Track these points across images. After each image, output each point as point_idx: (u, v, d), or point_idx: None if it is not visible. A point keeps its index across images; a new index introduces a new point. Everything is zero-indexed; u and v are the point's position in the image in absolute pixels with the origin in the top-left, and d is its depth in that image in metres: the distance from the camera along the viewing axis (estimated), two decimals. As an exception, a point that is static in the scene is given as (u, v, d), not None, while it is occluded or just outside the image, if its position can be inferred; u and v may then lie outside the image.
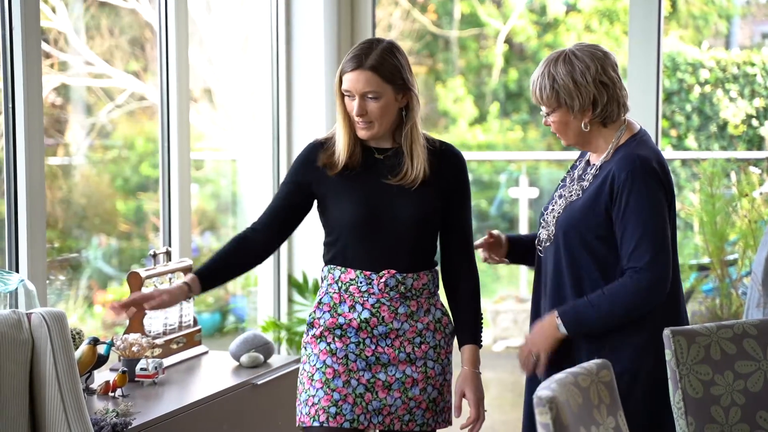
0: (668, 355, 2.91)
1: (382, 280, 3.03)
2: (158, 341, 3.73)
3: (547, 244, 3.12)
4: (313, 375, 3.04)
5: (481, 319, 3.16)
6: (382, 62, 2.97)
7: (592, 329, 3.00)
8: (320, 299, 3.10)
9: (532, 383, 3.24)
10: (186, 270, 3.94)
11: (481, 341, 3.15)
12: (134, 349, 3.53)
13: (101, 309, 6.02)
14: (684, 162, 8.23)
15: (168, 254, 3.96)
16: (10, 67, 3.51)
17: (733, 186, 5.19)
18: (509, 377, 7.19)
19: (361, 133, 3.02)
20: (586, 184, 3.08)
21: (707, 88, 8.27)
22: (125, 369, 3.37)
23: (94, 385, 3.40)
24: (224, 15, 6.27)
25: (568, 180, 3.18)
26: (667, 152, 8.08)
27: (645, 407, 3.01)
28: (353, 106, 2.99)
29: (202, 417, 3.38)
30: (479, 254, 3.35)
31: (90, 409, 3.14)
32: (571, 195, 3.10)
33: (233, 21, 6.10)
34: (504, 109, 10.15)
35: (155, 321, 3.79)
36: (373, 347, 3.04)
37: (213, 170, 6.66)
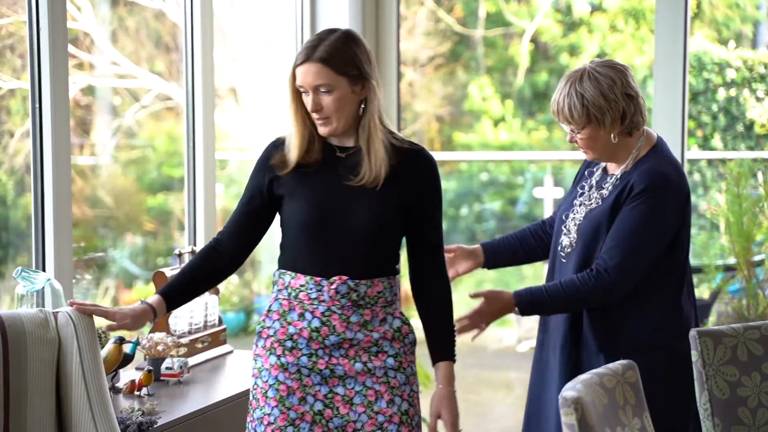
0: (694, 356, 2.90)
1: (333, 286, 2.81)
2: (183, 340, 3.74)
3: (569, 250, 3.20)
4: (266, 391, 2.85)
5: (454, 333, 2.94)
6: (333, 53, 2.76)
7: (541, 314, 3.23)
8: (269, 306, 2.93)
9: (536, 384, 3.27)
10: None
11: (455, 356, 2.93)
12: (159, 348, 3.54)
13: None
14: (710, 162, 8.19)
15: (193, 253, 3.97)
16: (37, 67, 3.53)
17: (759, 186, 5.16)
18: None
19: (321, 130, 2.83)
20: (605, 192, 3.15)
21: (733, 89, 8.23)
22: (151, 368, 3.38)
23: (120, 384, 3.42)
24: (249, 14, 6.28)
25: (586, 187, 3.25)
26: (693, 152, 8.05)
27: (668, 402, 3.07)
28: (308, 101, 2.81)
29: (227, 416, 3.38)
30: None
31: (116, 407, 3.15)
32: (591, 203, 3.18)
33: (258, 20, 6.11)
34: (529, 108, 10.13)
35: (180, 320, 3.80)
36: (326, 359, 2.82)
37: (238, 170, 6.67)
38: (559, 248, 3.24)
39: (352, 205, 2.82)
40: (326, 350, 2.82)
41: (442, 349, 2.90)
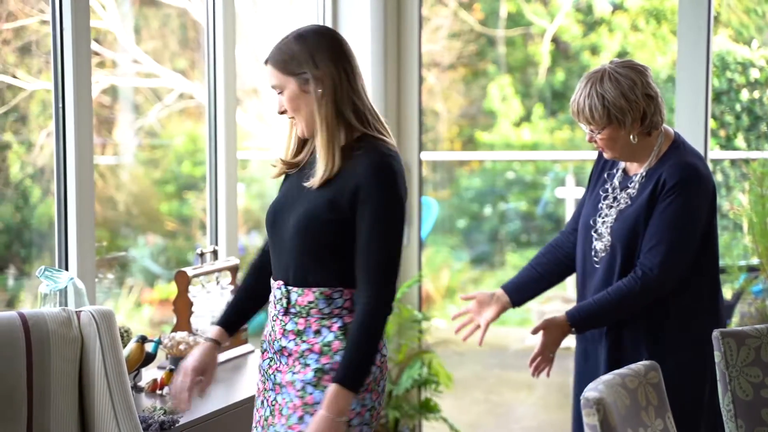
0: (717, 357, 2.89)
1: (273, 291, 2.78)
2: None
3: (603, 254, 3.21)
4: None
5: (356, 357, 2.64)
6: (279, 53, 2.70)
7: (598, 328, 3.20)
8: None
9: (580, 383, 3.27)
10: (233, 269, 3.95)
11: (354, 385, 2.63)
12: (181, 347, 3.55)
13: (147, 307, 6.07)
14: (733, 162, 8.15)
15: (215, 253, 3.98)
16: (60, 66, 3.54)
17: (783, 186, 5.13)
18: (556, 378, 7.16)
19: (297, 131, 2.78)
20: (633, 192, 3.18)
21: (757, 89, 8.18)
22: (173, 367, 3.39)
23: (142, 383, 3.43)
24: (271, 14, 6.29)
25: (609, 189, 3.27)
26: (716, 152, 8.01)
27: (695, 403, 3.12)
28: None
29: (248, 415, 3.38)
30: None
31: (138, 406, 3.16)
32: (620, 204, 3.20)
33: (280, 20, 6.12)
34: (550, 108, 10.11)
35: (202, 320, 3.80)
36: (275, 365, 2.79)
37: (259, 169, 6.68)
38: (592, 253, 3.25)
39: (293, 206, 2.75)
40: (275, 356, 2.79)
41: (339, 371, 2.64)
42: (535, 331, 3.24)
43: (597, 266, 3.23)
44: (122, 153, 6.02)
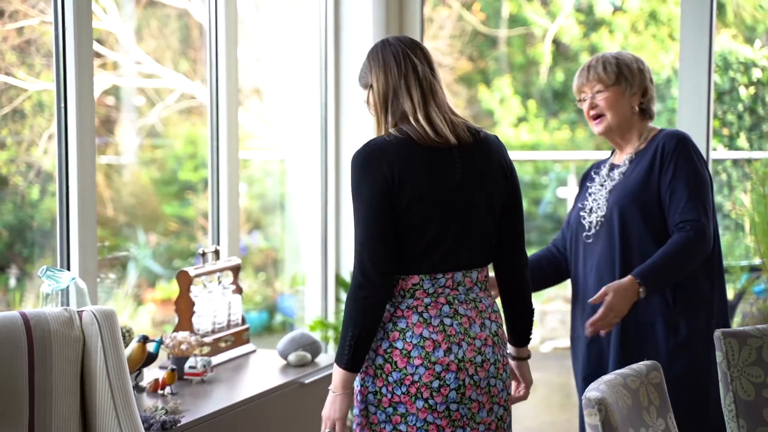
0: (719, 357, 2.89)
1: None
2: (207, 339, 3.75)
3: (598, 227, 3.34)
4: None
5: (342, 339, 2.82)
6: (360, 70, 2.99)
7: (667, 283, 3.24)
8: None
9: (586, 383, 3.29)
10: (235, 269, 3.96)
11: (338, 360, 2.83)
12: (183, 347, 3.55)
13: (149, 306, 6.07)
14: (735, 162, 8.14)
15: (217, 253, 3.98)
16: (62, 67, 3.55)
17: (785, 186, 5.13)
18: (557, 378, 7.16)
19: None
20: (624, 169, 3.36)
21: (759, 88, 8.18)
22: (174, 367, 3.39)
23: (144, 383, 3.43)
24: (273, 14, 6.29)
25: (597, 182, 3.45)
26: (719, 152, 8.01)
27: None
28: None
29: (250, 415, 3.39)
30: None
31: (139, 406, 3.16)
32: (612, 184, 3.37)
33: (282, 20, 6.12)
34: (551, 108, 10.11)
35: (204, 319, 3.81)
36: None
37: (260, 169, 6.69)
38: (583, 234, 3.40)
39: None
40: None
41: None
42: (596, 300, 3.23)
43: (590, 242, 3.36)
44: (124, 153, 6.02)
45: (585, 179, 3.57)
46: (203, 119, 5.63)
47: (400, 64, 2.88)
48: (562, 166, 9.68)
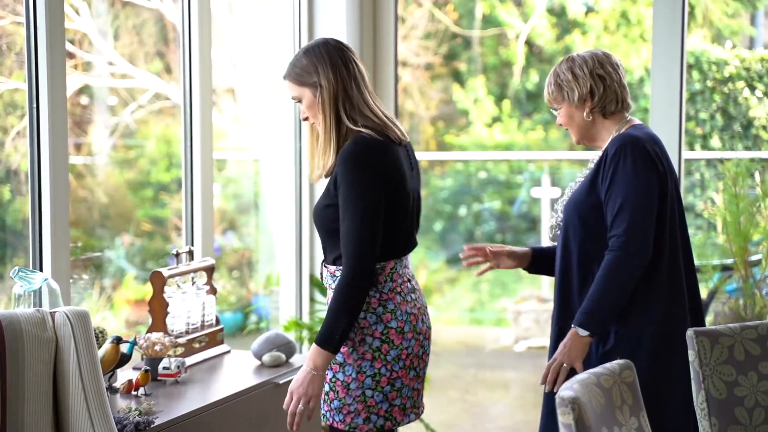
0: (691, 355, 2.90)
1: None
2: (181, 340, 3.74)
3: (557, 231, 3.33)
4: None
5: (330, 322, 3.00)
6: (293, 67, 3.12)
7: (610, 317, 3.13)
8: None
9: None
10: (209, 270, 3.95)
11: (322, 343, 3.00)
12: (157, 348, 3.54)
13: (122, 307, 6.05)
14: (708, 162, 8.19)
15: (191, 253, 3.97)
16: (34, 67, 3.53)
17: (757, 186, 5.16)
18: (531, 377, 7.19)
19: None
20: (586, 171, 3.33)
21: (731, 88, 8.23)
22: (148, 368, 3.38)
23: (117, 384, 3.42)
24: (246, 14, 6.28)
25: (579, 176, 3.40)
26: (691, 152, 8.05)
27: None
28: None
29: (224, 416, 3.38)
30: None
31: (113, 407, 3.15)
32: (577, 184, 3.33)
33: (255, 20, 6.11)
34: (524, 109, 10.14)
35: (178, 320, 3.80)
36: None
37: (235, 170, 6.67)
38: (550, 234, 3.40)
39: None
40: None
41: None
42: (553, 362, 3.19)
43: (553, 242, 3.38)
44: (97, 153, 6.00)
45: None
46: (176, 119, 5.61)
47: (347, 63, 3.09)
48: (536, 166, 9.70)
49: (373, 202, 2.98)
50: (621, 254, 3.08)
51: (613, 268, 3.09)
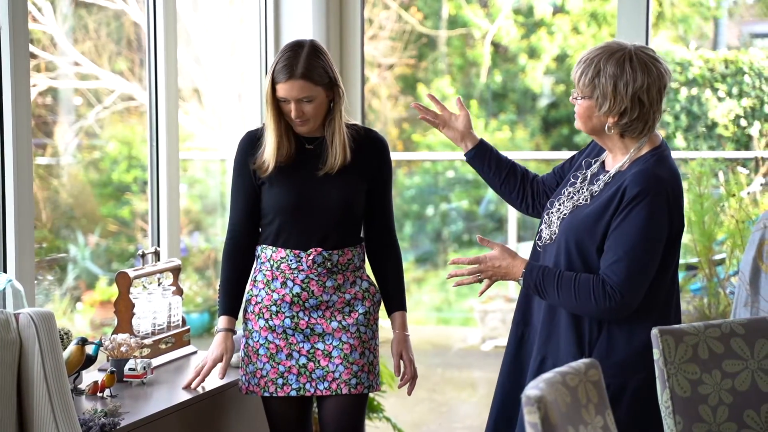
0: (656, 354, 2.92)
1: (310, 257, 3.34)
2: (147, 341, 3.73)
3: (548, 242, 3.11)
4: (257, 350, 3.40)
5: (404, 287, 3.51)
6: (311, 68, 3.24)
7: (542, 297, 3.07)
8: (255, 277, 3.44)
9: (504, 384, 3.23)
10: (175, 270, 3.94)
11: (406, 307, 3.50)
12: (123, 349, 3.53)
13: (88, 309, 6.02)
14: (672, 161, 8.24)
15: (157, 254, 3.96)
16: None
17: (721, 186, 5.21)
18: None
19: (300, 129, 3.33)
20: (596, 189, 3.05)
21: (695, 89, 8.29)
22: (113, 369, 3.36)
23: (83, 386, 3.40)
24: (212, 14, 6.27)
25: (579, 179, 3.15)
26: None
27: (632, 416, 3.03)
28: (290, 109, 3.26)
29: (191, 417, 3.37)
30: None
31: (78, 409, 3.13)
32: (579, 199, 3.08)
33: (221, 20, 6.09)
34: (490, 109, 10.16)
35: (144, 321, 3.78)
36: (306, 319, 3.36)
37: (202, 170, 6.65)
38: (537, 238, 3.17)
39: (323, 189, 3.34)
40: (306, 312, 3.37)
41: (398, 302, 3.49)
42: (486, 243, 3.09)
43: (540, 251, 3.14)
44: (62, 154, 5.96)
45: (580, 156, 3.26)
46: (142, 119, 5.59)
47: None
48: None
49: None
50: (611, 307, 2.94)
51: (597, 307, 2.95)
